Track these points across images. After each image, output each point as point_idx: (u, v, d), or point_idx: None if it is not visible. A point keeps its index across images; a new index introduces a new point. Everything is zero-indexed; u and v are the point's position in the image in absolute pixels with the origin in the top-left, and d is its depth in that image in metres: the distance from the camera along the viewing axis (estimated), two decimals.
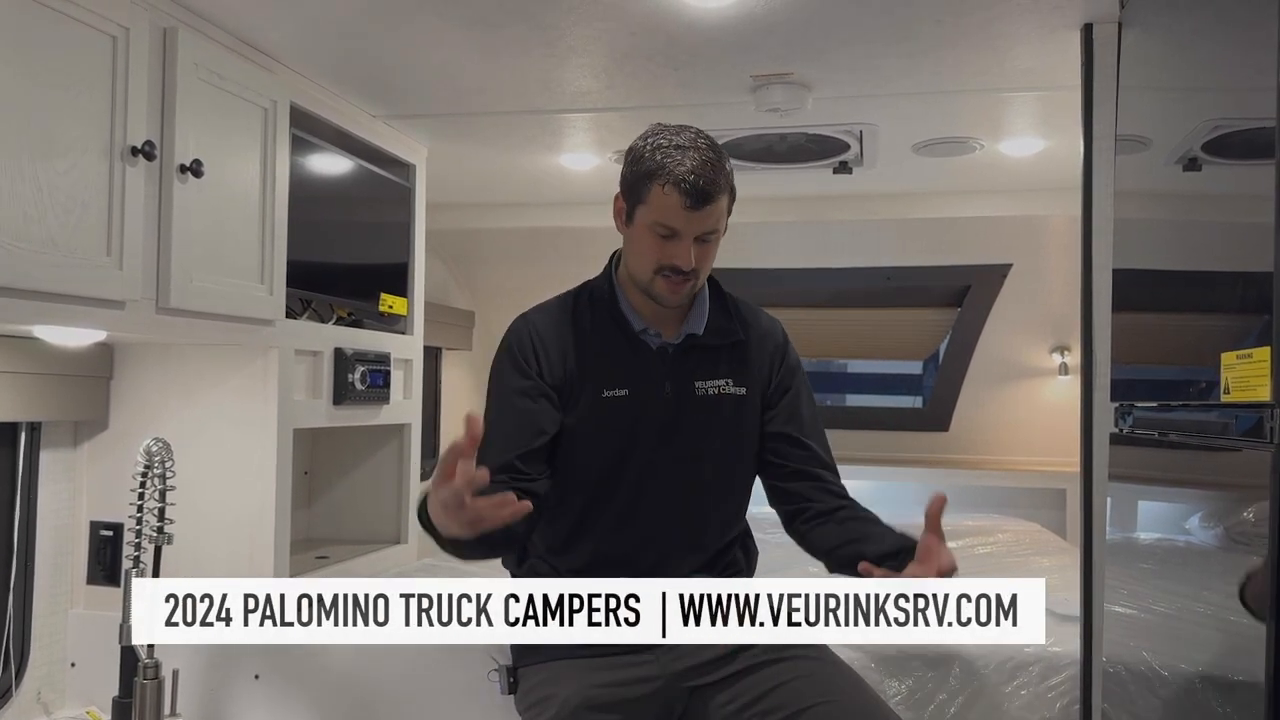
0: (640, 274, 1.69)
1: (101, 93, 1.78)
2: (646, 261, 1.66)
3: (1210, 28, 1.65)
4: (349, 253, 2.76)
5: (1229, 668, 1.54)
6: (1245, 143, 1.48)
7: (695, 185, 1.57)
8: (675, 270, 1.63)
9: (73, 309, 1.76)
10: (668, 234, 1.62)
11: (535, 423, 1.71)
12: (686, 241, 1.61)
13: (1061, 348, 4.43)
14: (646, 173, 1.61)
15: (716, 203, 1.61)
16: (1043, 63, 2.28)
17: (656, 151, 1.61)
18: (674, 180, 1.58)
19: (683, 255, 1.62)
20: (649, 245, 1.64)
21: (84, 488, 2.36)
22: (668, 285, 1.65)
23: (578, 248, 2.35)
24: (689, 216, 1.59)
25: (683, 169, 1.58)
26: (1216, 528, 1.64)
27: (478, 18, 2.09)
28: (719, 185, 1.60)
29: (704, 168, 1.58)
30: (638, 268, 1.69)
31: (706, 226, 1.62)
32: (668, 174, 1.58)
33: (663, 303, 1.70)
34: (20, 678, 2.23)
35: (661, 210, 1.60)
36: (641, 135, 1.68)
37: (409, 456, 2.98)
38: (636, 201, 1.64)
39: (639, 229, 1.66)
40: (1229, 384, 1.39)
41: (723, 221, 1.66)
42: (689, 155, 1.59)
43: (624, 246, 1.75)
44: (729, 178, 1.64)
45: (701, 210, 1.59)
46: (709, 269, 1.71)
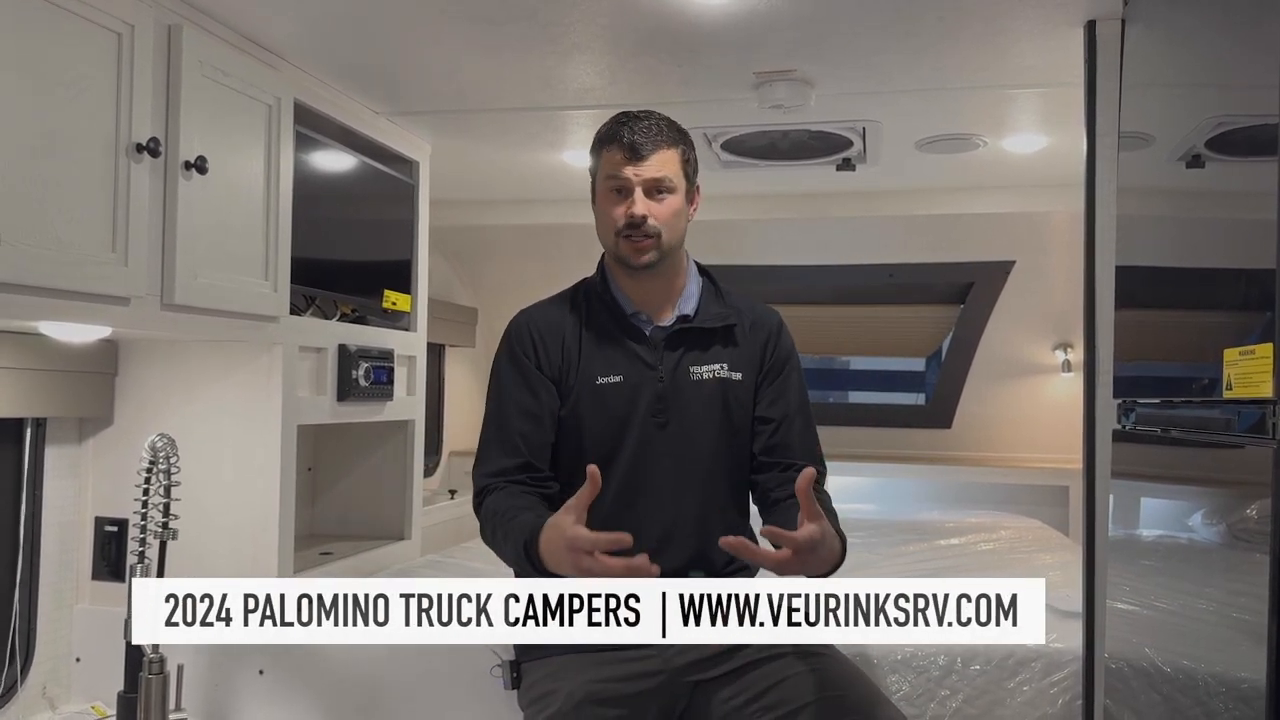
0: (607, 241, 1.78)
1: (106, 89, 1.79)
2: (609, 224, 1.76)
3: (1213, 24, 1.65)
4: (353, 249, 2.77)
5: (1231, 664, 1.54)
6: (1248, 139, 1.48)
7: (631, 140, 1.72)
8: (630, 224, 1.72)
9: (78, 305, 1.77)
10: (617, 187, 1.74)
11: (539, 417, 1.74)
12: (634, 194, 1.72)
13: (1064, 344, 4.43)
14: (597, 143, 1.78)
15: (659, 153, 1.73)
16: (1046, 59, 2.28)
17: (607, 124, 1.78)
18: (614, 139, 1.74)
19: (634, 205, 1.72)
20: (607, 208, 1.76)
21: (89, 484, 2.37)
22: (629, 245, 1.74)
23: (580, 245, 2.35)
24: (632, 168, 1.72)
25: (620, 129, 1.74)
26: (1219, 524, 1.64)
27: (481, 14, 2.09)
28: (657, 141, 1.73)
29: (644, 126, 1.73)
30: (605, 235, 1.79)
31: (650, 176, 1.72)
32: (608, 136, 1.75)
33: (630, 264, 1.76)
34: (25, 673, 2.24)
35: (608, 167, 1.75)
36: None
37: (412, 453, 2.99)
38: (594, 176, 1.79)
39: (598, 197, 1.79)
40: (1231, 380, 1.39)
41: (672, 174, 1.75)
42: (626, 122, 1.75)
43: (595, 226, 1.83)
44: (677, 140, 1.76)
45: (642, 162, 1.72)
46: (674, 232, 1.77)
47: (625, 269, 1.78)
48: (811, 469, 1.48)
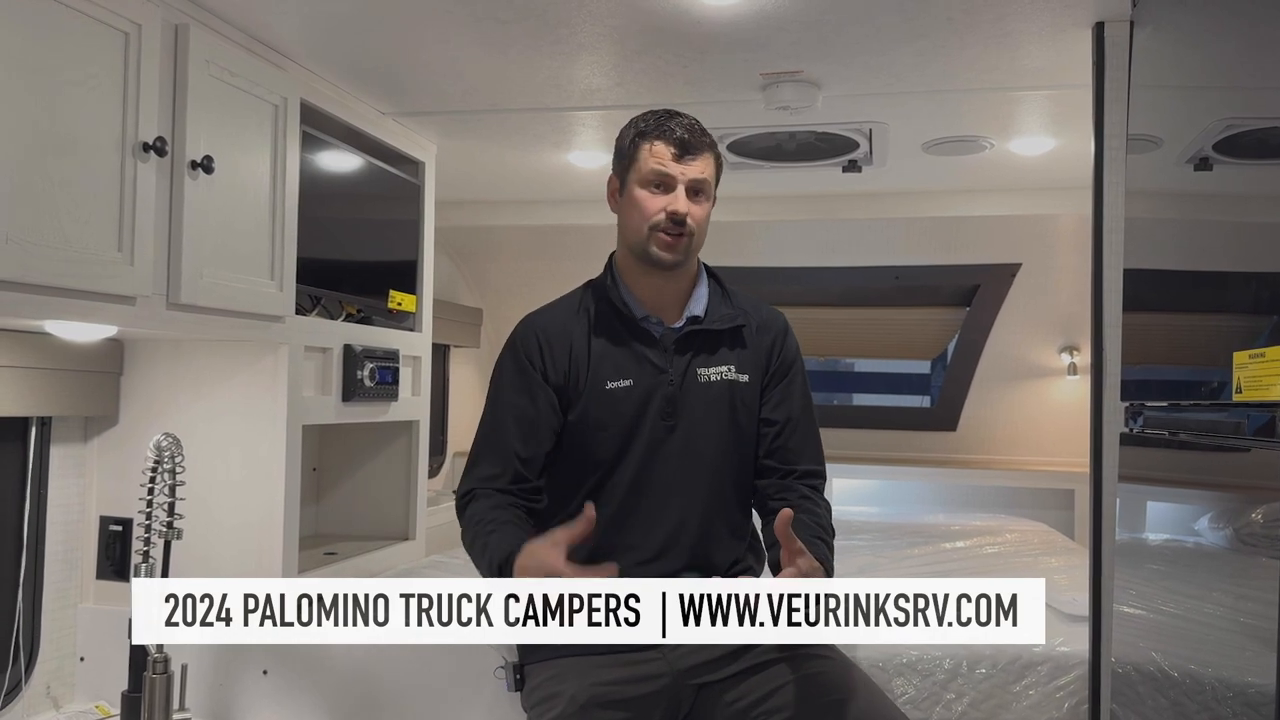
0: (636, 237, 1.74)
1: (113, 89, 1.79)
2: (642, 219, 1.72)
3: (1222, 26, 1.64)
4: (358, 249, 2.77)
5: (1239, 669, 1.53)
6: (1258, 142, 1.47)
7: (682, 137, 1.70)
8: (672, 220, 1.70)
9: (84, 304, 1.77)
10: (660, 183, 1.71)
11: (536, 426, 1.74)
12: (679, 188, 1.70)
13: (1071, 348, 4.42)
14: (636, 136, 1.74)
15: (704, 155, 1.72)
16: (1054, 61, 2.27)
17: (642, 121, 1.75)
18: (662, 133, 1.71)
19: (678, 201, 1.70)
20: (644, 201, 1.72)
21: (94, 483, 2.37)
22: (663, 242, 1.72)
23: (586, 245, 2.35)
24: (679, 166, 1.70)
25: (668, 124, 1.72)
26: (1226, 529, 1.64)
27: (487, 15, 2.09)
28: (704, 140, 1.73)
29: (689, 124, 1.72)
30: (633, 231, 1.74)
31: (696, 176, 1.71)
32: (655, 130, 1.72)
33: (659, 262, 1.73)
34: (30, 672, 2.24)
35: (654, 160, 1.71)
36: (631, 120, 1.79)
37: (417, 453, 2.99)
38: (628, 168, 1.75)
39: (632, 192, 1.74)
40: (1241, 383, 1.39)
41: (711, 180, 1.74)
42: (673, 118, 1.73)
43: (619, 223, 1.80)
44: (713, 144, 1.75)
45: (690, 159, 1.70)
46: (702, 234, 1.76)
47: (645, 266, 1.75)
48: (789, 511, 1.51)
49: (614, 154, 1.80)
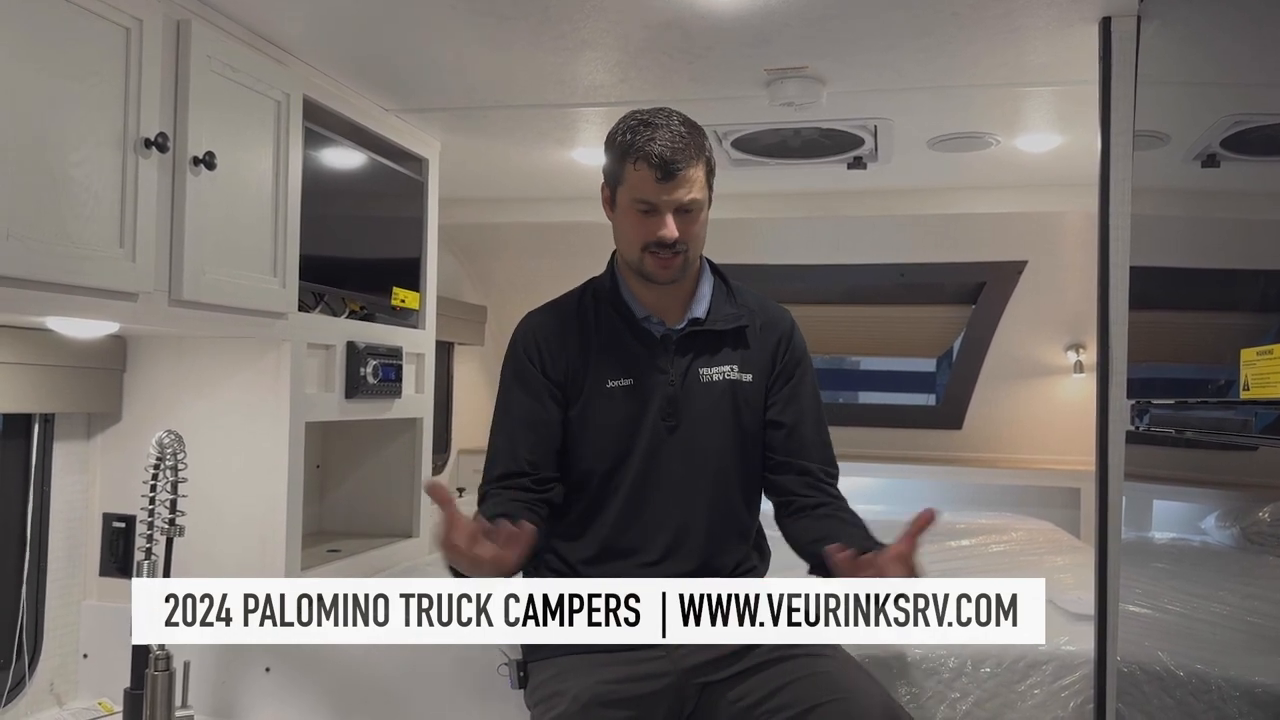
0: (630, 255, 1.74)
1: (115, 84, 1.78)
2: (633, 241, 1.71)
3: (1230, 22, 1.63)
4: (361, 246, 2.76)
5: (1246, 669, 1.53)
6: (1265, 139, 1.46)
7: (663, 159, 1.64)
8: (660, 244, 1.68)
9: (86, 301, 1.76)
10: (646, 209, 1.68)
11: (546, 424, 1.74)
12: (665, 214, 1.67)
13: (1077, 345, 4.40)
14: (620, 154, 1.69)
15: (687, 174, 1.66)
16: (1060, 57, 2.26)
17: (628, 132, 1.69)
18: (644, 156, 1.65)
19: (664, 227, 1.67)
20: (633, 223, 1.70)
21: (97, 480, 2.37)
22: (656, 261, 1.70)
23: (590, 243, 2.35)
24: (662, 189, 1.66)
25: (652, 145, 1.65)
26: (1232, 528, 1.63)
27: (491, 11, 2.08)
28: (688, 157, 1.66)
29: (672, 141, 1.66)
30: (627, 249, 1.74)
31: (681, 197, 1.67)
32: (638, 151, 1.66)
33: (655, 280, 1.73)
34: (33, 668, 2.24)
35: (637, 187, 1.67)
36: (618, 121, 1.74)
37: (420, 451, 2.98)
38: (616, 183, 1.72)
39: (622, 210, 1.72)
40: (1249, 381, 1.38)
41: (700, 194, 1.70)
42: (658, 132, 1.66)
43: (614, 233, 1.79)
44: (702, 150, 1.70)
45: (673, 182, 1.65)
46: (699, 244, 1.75)
47: (643, 279, 1.75)
48: (932, 510, 1.52)
49: (605, 161, 1.77)
